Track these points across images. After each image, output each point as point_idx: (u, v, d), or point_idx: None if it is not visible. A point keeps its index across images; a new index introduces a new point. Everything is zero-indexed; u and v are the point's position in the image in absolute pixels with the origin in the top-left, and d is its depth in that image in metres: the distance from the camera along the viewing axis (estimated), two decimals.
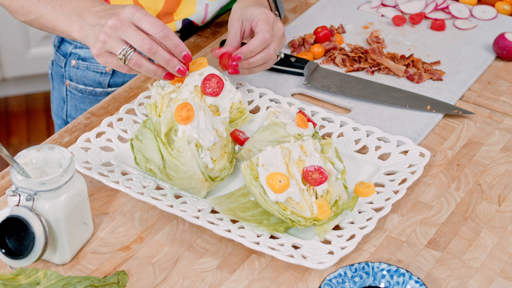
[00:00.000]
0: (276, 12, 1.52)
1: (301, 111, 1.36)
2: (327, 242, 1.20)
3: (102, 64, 1.30)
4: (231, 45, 1.43)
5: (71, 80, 1.71)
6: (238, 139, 1.33)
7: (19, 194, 1.12)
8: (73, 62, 1.69)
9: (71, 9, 1.36)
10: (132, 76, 1.67)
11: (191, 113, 1.24)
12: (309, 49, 1.61)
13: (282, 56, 1.44)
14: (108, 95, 1.68)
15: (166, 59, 1.28)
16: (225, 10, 1.74)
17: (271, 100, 1.47)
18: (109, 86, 1.69)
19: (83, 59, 1.68)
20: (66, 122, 1.77)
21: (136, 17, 1.27)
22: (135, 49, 1.28)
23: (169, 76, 1.31)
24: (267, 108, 1.45)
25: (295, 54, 1.61)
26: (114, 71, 1.68)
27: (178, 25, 1.64)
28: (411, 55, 1.59)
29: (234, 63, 1.38)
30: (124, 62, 1.28)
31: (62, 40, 1.71)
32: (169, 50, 1.29)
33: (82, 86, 1.70)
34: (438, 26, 1.69)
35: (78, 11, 1.35)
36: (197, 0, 1.62)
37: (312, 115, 1.44)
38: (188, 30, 1.68)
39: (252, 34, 1.47)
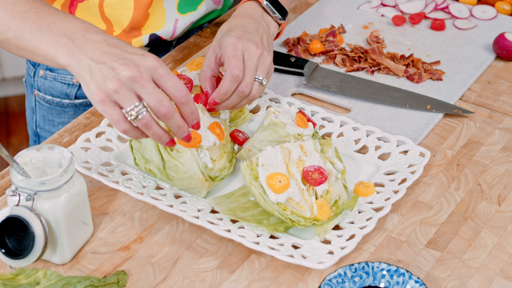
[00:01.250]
0: (276, 15, 1.41)
1: (301, 111, 1.36)
2: (327, 242, 1.20)
3: (101, 112, 1.14)
4: (204, 76, 1.32)
5: (39, 90, 1.67)
6: (237, 139, 1.33)
7: (19, 194, 1.12)
8: (41, 72, 1.65)
9: (61, 30, 1.18)
10: None
11: None
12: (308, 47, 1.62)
13: (264, 82, 1.31)
14: (75, 107, 1.65)
15: (178, 126, 1.14)
16: (197, 26, 1.69)
17: (271, 100, 1.47)
18: (75, 98, 1.65)
19: (51, 70, 1.64)
20: (36, 133, 1.73)
21: (157, 73, 1.13)
22: (146, 108, 1.14)
23: (171, 143, 1.17)
24: (267, 108, 1.45)
25: (292, 53, 1.61)
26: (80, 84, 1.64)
27: (145, 40, 1.58)
28: (411, 55, 1.59)
29: (213, 106, 1.30)
30: (131, 119, 1.13)
31: None
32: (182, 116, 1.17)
33: (49, 97, 1.66)
34: (438, 26, 1.69)
35: (70, 34, 1.18)
36: (167, 14, 1.57)
37: (312, 115, 1.44)
38: (155, 45, 1.62)
39: None
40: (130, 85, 1.11)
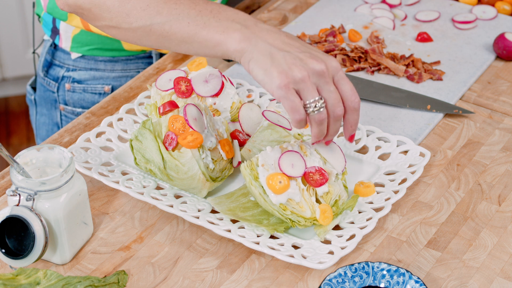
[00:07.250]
0: None
1: None
2: (327, 242, 1.20)
3: (279, 96, 1.13)
4: None
5: (66, 104, 1.67)
6: (238, 139, 1.33)
7: (19, 194, 1.12)
8: (68, 86, 1.64)
9: (229, 17, 1.18)
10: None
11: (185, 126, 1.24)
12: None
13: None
14: None
15: (336, 131, 1.18)
16: None
17: (271, 100, 1.47)
18: None
19: (79, 82, 1.64)
20: None
21: (339, 75, 1.15)
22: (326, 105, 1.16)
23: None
24: (267, 107, 1.45)
25: None
26: (112, 91, 1.64)
27: None
28: (411, 55, 1.59)
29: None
30: (310, 111, 1.14)
31: (50, 65, 1.66)
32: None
33: (79, 109, 1.66)
34: (423, 39, 1.66)
35: (240, 21, 1.17)
36: None
37: None
38: None
39: None
40: (316, 79, 1.13)
